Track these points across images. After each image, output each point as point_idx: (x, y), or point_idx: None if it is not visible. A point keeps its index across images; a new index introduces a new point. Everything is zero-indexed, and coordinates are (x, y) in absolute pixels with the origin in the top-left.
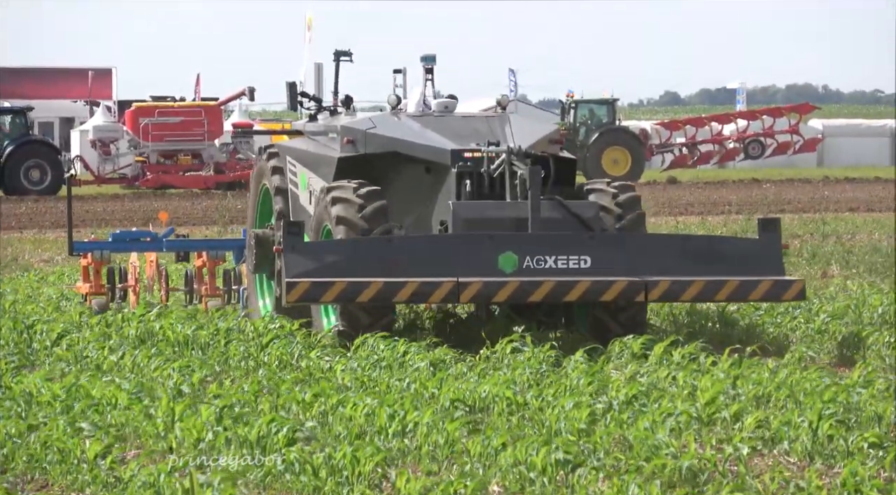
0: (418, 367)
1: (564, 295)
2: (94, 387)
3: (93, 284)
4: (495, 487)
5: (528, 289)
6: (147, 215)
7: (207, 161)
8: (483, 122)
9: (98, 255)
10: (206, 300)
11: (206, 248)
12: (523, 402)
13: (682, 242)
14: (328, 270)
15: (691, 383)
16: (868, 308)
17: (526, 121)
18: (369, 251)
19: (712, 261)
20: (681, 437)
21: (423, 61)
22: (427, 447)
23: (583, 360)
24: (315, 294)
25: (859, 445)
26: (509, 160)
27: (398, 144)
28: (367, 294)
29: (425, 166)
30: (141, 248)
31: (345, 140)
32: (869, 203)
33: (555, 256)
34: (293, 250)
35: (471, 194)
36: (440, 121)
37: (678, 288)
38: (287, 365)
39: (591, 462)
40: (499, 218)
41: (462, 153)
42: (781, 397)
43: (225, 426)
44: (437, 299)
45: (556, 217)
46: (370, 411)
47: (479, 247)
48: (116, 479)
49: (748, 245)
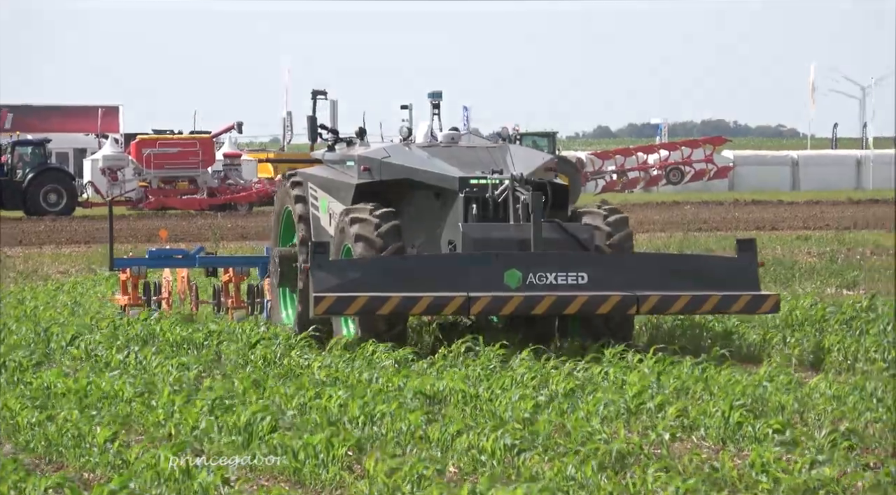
0: (385, 365)
1: (564, 308)
2: (104, 382)
3: (130, 296)
4: (452, 468)
5: (531, 303)
6: (150, 233)
7: (202, 186)
8: (486, 153)
9: (136, 271)
10: (231, 311)
11: (234, 265)
12: (476, 394)
13: (670, 260)
14: (351, 285)
15: (621, 378)
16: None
17: (523, 151)
18: (388, 268)
19: (696, 277)
20: (612, 425)
21: (430, 97)
22: (392, 434)
23: (527, 358)
24: (340, 307)
25: (765, 431)
26: (513, 186)
27: (410, 172)
28: (387, 307)
29: (435, 192)
30: (175, 265)
31: (362, 168)
32: (773, 222)
33: (555, 273)
34: (319, 267)
35: (477, 217)
36: (448, 151)
37: (666, 302)
38: (271, 362)
39: (535, 446)
40: (504, 238)
41: (468, 180)
42: (699, 390)
43: (217, 415)
44: (449, 312)
45: (555, 237)
46: (343, 402)
47: (486, 264)
48: (123, 461)
49: (728, 263)
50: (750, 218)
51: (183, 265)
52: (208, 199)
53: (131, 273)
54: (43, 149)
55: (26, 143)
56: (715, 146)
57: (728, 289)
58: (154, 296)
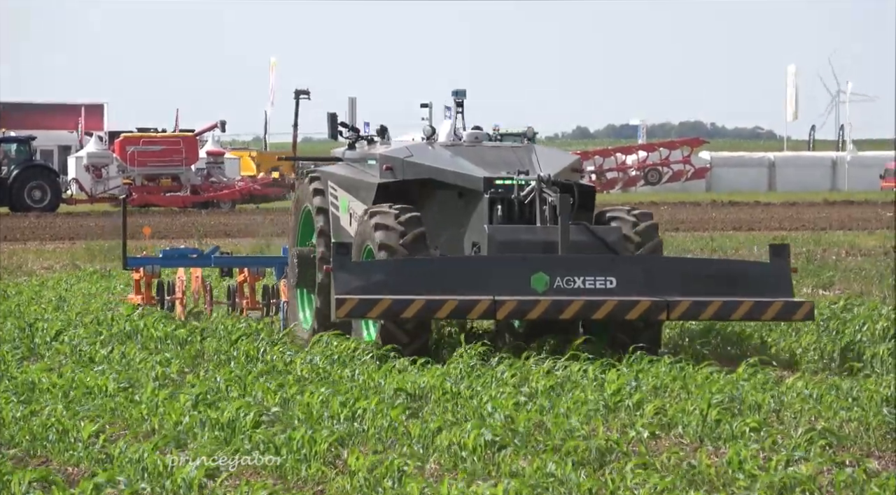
0: (366, 361)
1: (592, 313)
2: (88, 377)
3: (144, 296)
4: (433, 464)
5: (559, 308)
6: (133, 230)
7: (185, 183)
8: (511, 152)
9: (149, 270)
10: (246, 312)
11: (250, 265)
12: (457, 392)
13: (701, 265)
14: (374, 288)
15: (600, 376)
16: None
17: (549, 151)
18: (412, 270)
19: (727, 282)
20: (591, 422)
21: (453, 95)
22: (374, 430)
23: (507, 356)
24: (362, 310)
25: (742, 429)
26: (539, 188)
27: (434, 172)
28: (411, 310)
29: (458, 192)
30: (189, 264)
31: (384, 167)
32: (749, 223)
33: (583, 277)
34: (342, 269)
35: (502, 219)
36: (471, 150)
37: (697, 308)
38: (254, 359)
39: (515, 443)
40: (530, 241)
41: (494, 180)
42: (676, 388)
43: (200, 410)
44: (475, 316)
45: (583, 240)
46: (325, 399)
47: (513, 267)
48: (107, 456)
49: (760, 268)
50: (727, 218)
51: (198, 264)
52: (191, 197)
53: (145, 272)
54: (28, 147)
55: (11, 140)
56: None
57: (760, 296)
58: (168, 296)
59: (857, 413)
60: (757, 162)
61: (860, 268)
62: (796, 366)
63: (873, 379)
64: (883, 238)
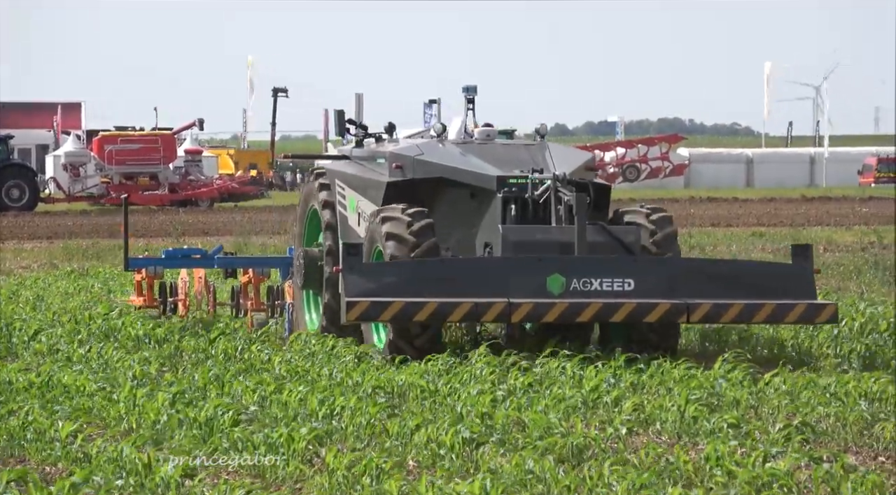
0: (345, 359)
1: (610, 316)
2: (66, 376)
3: (146, 298)
4: (411, 462)
5: (575, 311)
6: (111, 228)
7: (163, 182)
8: (524, 150)
9: (151, 271)
10: (251, 314)
11: (254, 266)
12: (435, 389)
13: (721, 267)
14: (385, 290)
15: (578, 373)
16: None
17: (562, 149)
18: (424, 272)
19: (748, 284)
20: (569, 419)
21: (464, 91)
22: (352, 427)
23: (486, 353)
24: (373, 313)
25: (720, 425)
26: (555, 186)
27: (445, 170)
28: (423, 313)
29: (470, 191)
30: (192, 265)
31: (393, 165)
32: (728, 219)
33: (600, 279)
34: (352, 270)
35: (515, 218)
36: (483, 148)
37: (718, 310)
38: (232, 357)
39: (493, 440)
40: (546, 241)
41: (507, 179)
42: (654, 385)
43: (178, 409)
44: (489, 319)
45: (600, 241)
46: (303, 397)
47: (528, 269)
48: (85, 455)
49: (782, 269)
50: (705, 215)
51: (201, 265)
52: (170, 195)
53: (147, 273)
54: (6, 145)
55: None
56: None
57: (783, 298)
58: (170, 298)
59: (835, 408)
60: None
61: (838, 263)
62: (774, 361)
63: (851, 375)
64: (860, 234)
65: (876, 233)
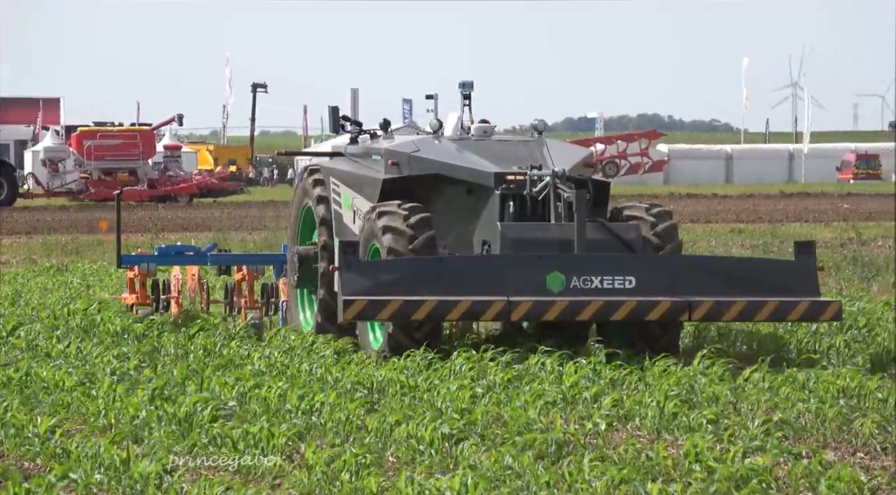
0: (324, 355)
1: (611, 314)
2: (45, 372)
3: (138, 295)
4: (390, 458)
5: (576, 309)
6: (90, 223)
7: (142, 177)
8: (521, 147)
9: (144, 268)
10: (245, 312)
11: (248, 263)
12: (414, 385)
13: (723, 264)
14: (383, 288)
15: (558, 369)
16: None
17: (560, 145)
18: (422, 270)
19: (751, 281)
20: (549, 415)
21: (460, 87)
22: (332, 423)
23: (466, 349)
24: (371, 312)
25: (699, 421)
26: (554, 183)
27: (442, 167)
28: (422, 312)
29: (467, 188)
30: (185, 262)
31: (389, 162)
32: (707, 216)
33: (601, 276)
34: (349, 268)
35: (514, 216)
36: (480, 144)
37: (720, 308)
38: (211, 353)
39: (473, 436)
40: (545, 239)
41: (505, 176)
42: (634, 380)
43: (157, 405)
44: (488, 317)
45: (600, 238)
46: (282, 392)
47: (528, 267)
48: (64, 451)
49: (785, 266)
50: (685, 211)
51: (194, 262)
52: (149, 191)
53: (139, 270)
54: None
55: None
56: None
57: (786, 295)
58: (163, 295)
59: (814, 404)
60: (714, 154)
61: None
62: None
63: (830, 371)
64: (839, 230)
65: (855, 230)
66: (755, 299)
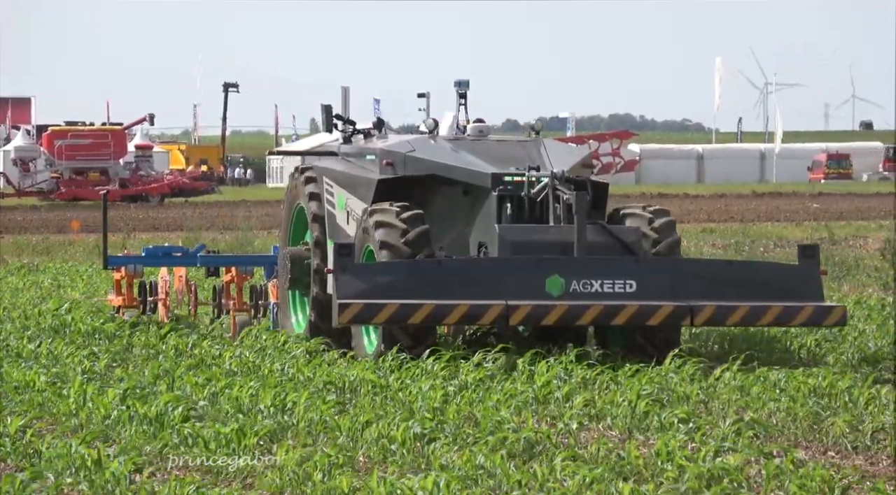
0: (296, 355)
1: (612, 319)
2: (15, 372)
3: (125, 297)
4: (362, 457)
5: (575, 313)
6: (61, 223)
7: (113, 177)
8: (519, 147)
9: (131, 269)
10: (233, 314)
11: (238, 264)
12: (386, 385)
13: (725, 267)
14: (379, 292)
15: (530, 368)
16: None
17: (557, 146)
18: (420, 273)
19: (754, 286)
20: (520, 414)
21: (456, 86)
22: (303, 423)
23: (438, 348)
24: (367, 315)
25: (671, 420)
26: (553, 184)
27: (438, 167)
28: (419, 316)
29: (463, 189)
30: (174, 263)
31: (384, 162)
32: (679, 215)
33: (601, 280)
34: (344, 271)
35: (511, 217)
36: (477, 144)
37: (722, 313)
38: (183, 352)
39: (445, 435)
40: (544, 241)
41: (502, 177)
42: (605, 380)
43: (128, 405)
44: (486, 321)
45: (600, 241)
46: (254, 392)
47: (526, 270)
48: (34, 451)
49: (789, 270)
50: None
51: (183, 263)
52: (120, 190)
53: (126, 272)
54: None
55: None
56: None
57: (789, 300)
58: (150, 297)
59: (785, 403)
60: (685, 154)
61: (788, 259)
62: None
63: (801, 371)
64: (811, 229)
65: (827, 229)
66: (758, 304)
